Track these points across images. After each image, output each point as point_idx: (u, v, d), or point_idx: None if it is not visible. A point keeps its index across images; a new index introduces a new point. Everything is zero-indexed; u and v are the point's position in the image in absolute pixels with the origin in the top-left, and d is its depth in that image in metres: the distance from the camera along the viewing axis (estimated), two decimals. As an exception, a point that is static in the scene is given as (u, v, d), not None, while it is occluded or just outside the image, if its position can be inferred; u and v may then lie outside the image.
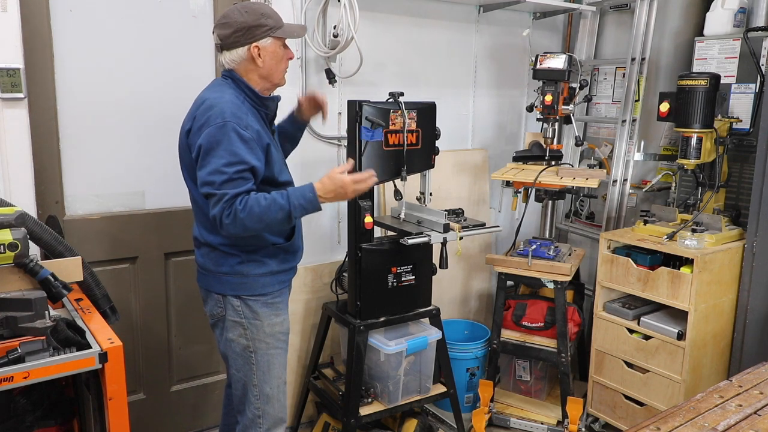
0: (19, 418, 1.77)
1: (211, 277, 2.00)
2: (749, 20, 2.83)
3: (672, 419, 1.44)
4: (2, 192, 2.17)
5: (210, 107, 1.82)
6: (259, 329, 2.01)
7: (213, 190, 1.77)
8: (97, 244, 2.46)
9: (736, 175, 2.82)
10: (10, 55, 2.11)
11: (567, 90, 2.81)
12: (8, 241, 1.57)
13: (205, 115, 1.81)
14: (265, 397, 2.04)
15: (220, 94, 1.87)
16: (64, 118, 2.34)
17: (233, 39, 1.89)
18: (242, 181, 1.79)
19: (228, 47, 1.91)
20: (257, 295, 1.99)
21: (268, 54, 1.92)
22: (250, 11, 1.89)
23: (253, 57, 1.90)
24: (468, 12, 3.25)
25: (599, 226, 3.34)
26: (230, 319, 2.00)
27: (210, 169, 1.77)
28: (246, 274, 1.97)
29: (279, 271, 2.03)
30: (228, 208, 1.76)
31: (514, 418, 2.92)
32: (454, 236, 2.41)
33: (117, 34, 2.40)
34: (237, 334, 2.01)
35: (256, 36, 1.89)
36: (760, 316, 2.58)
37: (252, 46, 1.89)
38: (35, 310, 1.52)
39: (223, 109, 1.80)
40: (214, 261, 1.97)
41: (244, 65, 1.93)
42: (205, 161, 1.79)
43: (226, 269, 1.96)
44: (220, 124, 1.78)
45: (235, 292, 1.98)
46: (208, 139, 1.78)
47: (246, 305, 1.99)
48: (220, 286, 1.99)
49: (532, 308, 2.86)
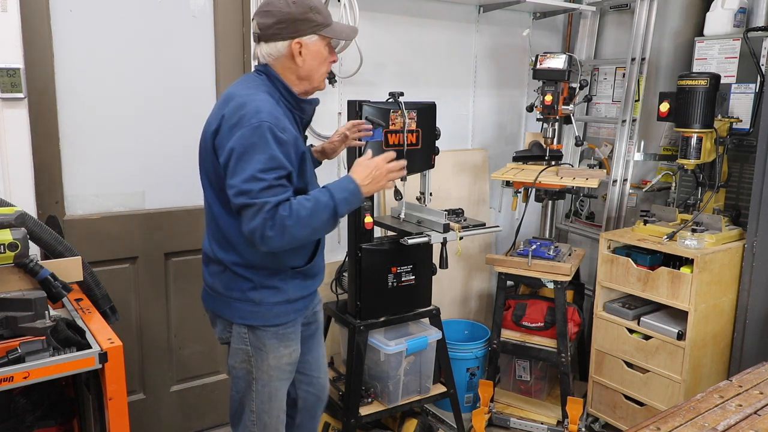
0: (19, 418, 1.77)
1: (220, 301, 1.82)
2: (749, 20, 2.83)
3: (672, 419, 1.44)
4: (2, 192, 2.17)
5: (242, 105, 1.62)
6: (264, 360, 1.82)
7: (250, 200, 1.56)
8: (97, 244, 2.45)
9: (736, 175, 2.82)
10: (10, 55, 2.11)
11: (567, 90, 2.81)
12: (8, 241, 1.57)
13: (237, 114, 1.61)
14: (263, 425, 1.88)
15: (253, 91, 1.67)
16: (64, 118, 2.34)
17: (274, 30, 1.69)
18: (282, 189, 1.59)
19: (267, 39, 1.71)
20: (269, 325, 1.79)
21: (310, 53, 1.72)
22: (298, 2, 1.69)
23: (293, 54, 1.71)
24: (468, 12, 3.25)
25: (599, 226, 3.34)
26: (234, 346, 1.83)
27: (245, 176, 1.56)
28: (259, 302, 1.76)
29: (296, 298, 1.82)
30: (271, 219, 1.55)
31: (514, 418, 2.92)
32: (454, 236, 2.41)
33: (117, 34, 2.40)
34: (240, 360, 1.83)
35: (301, 31, 1.69)
36: (760, 316, 2.58)
37: (294, 41, 1.70)
38: (35, 310, 1.52)
39: (259, 107, 1.61)
40: (224, 283, 1.79)
41: (282, 62, 1.73)
42: (238, 167, 1.57)
43: (237, 294, 1.77)
44: (255, 124, 1.57)
45: (245, 321, 1.78)
46: (241, 142, 1.57)
47: (254, 334, 1.79)
48: (229, 312, 1.80)
49: (532, 308, 2.86)
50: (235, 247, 1.74)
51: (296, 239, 1.62)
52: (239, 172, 1.57)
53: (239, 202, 1.58)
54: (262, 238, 1.57)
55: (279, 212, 1.56)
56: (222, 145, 1.63)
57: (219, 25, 2.60)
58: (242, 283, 1.76)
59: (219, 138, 1.64)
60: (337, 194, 1.67)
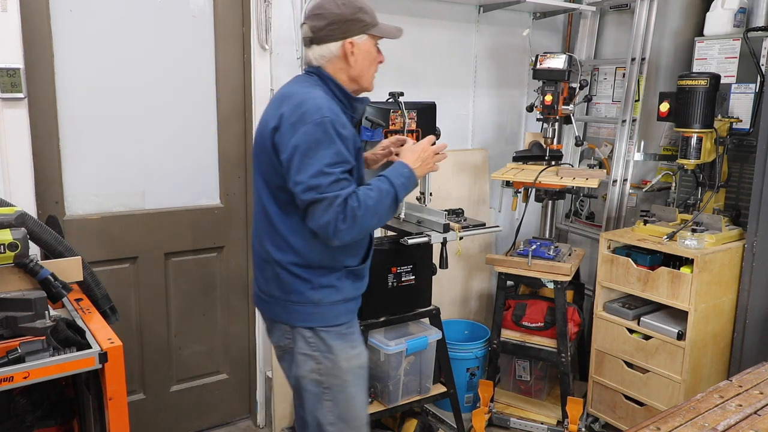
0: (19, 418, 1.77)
1: (277, 305, 1.78)
2: (749, 20, 2.83)
3: (672, 419, 1.44)
4: (2, 192, 2.17)
5: (301, 102, 1.63)
6: (335, 364, 1.77)
7: (320, 194, 1.57)
8: (97, 244, 2.46)
9: (736, 175, 2.82)
10: (10, 55, 2.11)
11: (567, 90, 2.81)
12: (8, 241, 1.57)
13: (298, 111, 1.61)
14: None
15: (310, 89, 1.69)
16: (64, 118, 2.34)
17: (327, 32, 1.71)
18: (347, 182, 1.61)
19: (319, 41, 1.73)
20: (331, 326, 1.77)
21: (361, 53, 1.75)
22: (347, 3, 1.72)
23: (345, 54, 1.73)
24: (468, 12, 3.25)
25: (599, 226, 3.34)
26: (300, 353, 1.77)
27: (313, 171, 1.57)
28: (318, 302, 1.74)
29: (351, 298, 1.82)
30: (342, 212, 1.57)
31: (514, 418, 2.92)
32: (454, 236, 2.41)
33: (117, 34, 2.40)
34: (309, 369, 1.77)
35: (352, 31, 1.72)
36: (760, 316, 2.58)
37: (347, 41, 1.72)
38: (35, 310, 1.51)
39: (319, 104, 1.62)
40: (281, 286, 1.75)
41: (334, 63, 1.74)
42: (304, 163, 1.58)
43: (296, 297, 1.74)
44: (318, 120, 1.59)
45: (306, 324, 1.75)
46: (305, 138, 1.58)
47: (318, 337, 1.75)
48: (288, 316, 1.76)
49: (532, 308, 2.86)
50: (292, 246, 1.72)
51: (365, 229, 1.66)
52: (306, 168, 1.58)
53: (309, 198, 1.58)
54: (335, 231, 1.59)
55: (349, 204, 1.59)
56: (283, 142, 1.63)
57: (219, 25, 2.60)
58: (300, 284, 1.74)
59: (279, 135, 1.64)
60: (396, 180, 1.70)
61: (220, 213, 2.75)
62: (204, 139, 2.67)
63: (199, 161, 2.67)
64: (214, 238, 2.74)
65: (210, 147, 2.69)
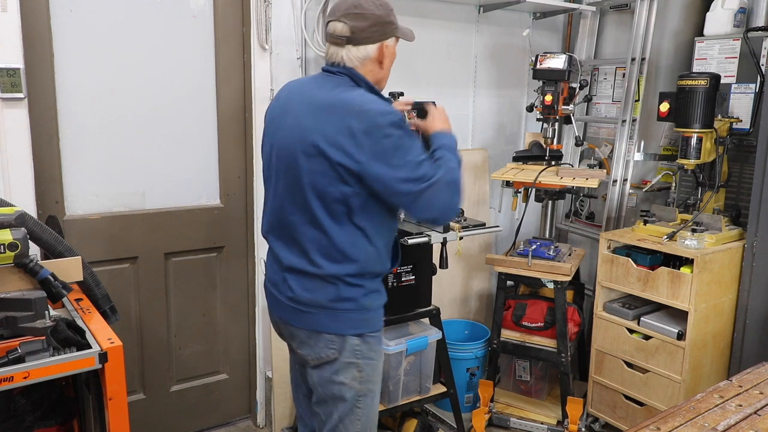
0: (19, 418, 1.77)
1: (324, 315, 1.69)
2: (749, 20, 2.83)
3: (672, 419, 1.44)
4: (2, 192, 2.17)
5: (365, 107, 1.58)
6: (375, 370, 1.77)
7: (427, 182, 1.58)
8: (97, 244, 2.46)
9: (736, 175, 2.82)
10: (10, 55, 2.11)
11: (567, 90, 2.81)
12: (8, 241, 1.57)
13: (365, 117, 1.56)
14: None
15: (358, 91, 1.64)
16: (64, 118, 2.34)
17: (368, 33, 1.65)
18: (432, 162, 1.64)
19: (358, 42, 1.66)
20: (375, 331, 1.75)
21: (390, 55, 1.72)
22: (383, 4, 1.67)
23: (380, 57, 1.69)
24: (468, 12, 3.25)
25: (599, 226, 3.34)
26: (345, 361, 1.72)
27: (410, 165, 1.57)
28: (369, 307, 1.72)
29: (386, 301, 1.82)
30: (449, 185, 1.62)
31: (514, 418, 2.92)
32: (454, 236, 2.41)
33: (117, 34, 2.40)
34: (350, 377, 1.73)
35: (387, 33, 1.68)
36: (760, 316, 2.58)
37: (384, 44, 1.68)
38: (35, 310, 1.51)
39: (380, 105, 1.60)
40: (332, 295, 1.68)
41: (367, 65, 1.69)
42: (396, 162, 1.56)
43: (349, 304, 1.69)
44: (392, 120, 1.57)
45: (357, 330, 1.71)
46: (389, 141, 1.56)
47: (366, 343, 1.73)
48: (338, 325, 1.69)
49: (532, 308, 2.86)
50: (349, 256, 1.67)
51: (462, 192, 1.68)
52: (401, 165, 1.57)
53: (418, 189, 1.58)
54: (451, 206, 1.63)
55: (450, 177, 1.63)
56: (362, 149, 1.56)
57: (219, 25, 2.60)
58: (355, 292, 1.70)
59: (352, 146, 1.56)
60: (450, 142, 1.77)
61: (220, 213, 2.75)
62: (204, 139, 2.67)
63: (199, 161, 2.67)
64: (214, 238, 2.74)
65: (210, 147, 2.69)
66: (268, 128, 1.81)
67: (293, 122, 1.67)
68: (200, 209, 2.70)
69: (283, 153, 1.70)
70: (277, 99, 1.82)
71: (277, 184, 1.73)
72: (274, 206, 1.76)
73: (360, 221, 1.66)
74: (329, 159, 1.58)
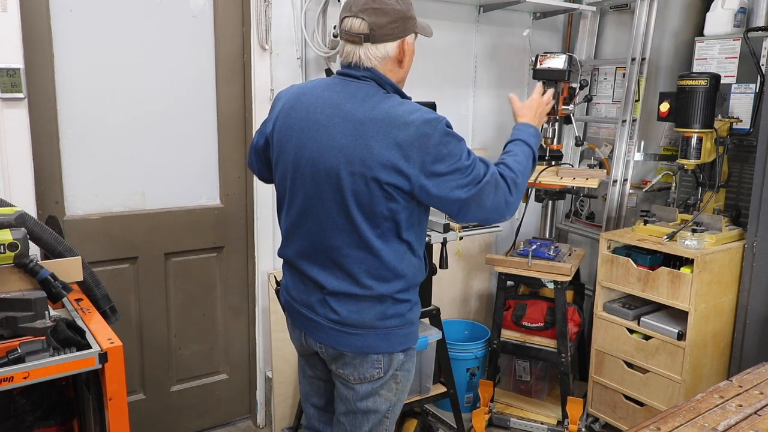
0: (19, 418, 1.77)
1: (372, 336, 1.61)
2: (749, 20, 2.82)
3: (672, 419, 1.44)
4: (2, 192, 2.17)
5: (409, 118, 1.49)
6: (408, 381, 1.73)
7: (482, 182, 1.53)
8: (97, 244, 2.46)
9: (736, 175, 2.82)
10: (10, 55, 2.11)
11: (567, 90, 2.80)
12: (8, 241, 1.57)
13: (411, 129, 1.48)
14: None
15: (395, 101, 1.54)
16: (64, 118, 2.34)
17: (389, 30, 1.53)
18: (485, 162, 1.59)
19: (377, 39, 1.54)
20: (416, 342, 1.72)
21: (410, 53, 1.61)
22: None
23: (402, 54, 1.58)
24: (468, 12, 3.25)
25: (599, 226, 3.34)
26: (388, 377, 1.66)
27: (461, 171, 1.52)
28: (413, 320, 1.67)
29: None
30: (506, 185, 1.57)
31: (514, 418, 2.92)
32: (454, 236, 2.41)
33: (117, 34, 2.40)
34: (389, 390, 1.68)
35: (408, 29, 1.58)
36: (760, 316, 2.58)
37: (405, 41, 1.58)
38: (35, 310, 1.51)
39: (423, 113, 1.51)
40: (379, 314, 1.60)
41: (386, 64, 1.57)
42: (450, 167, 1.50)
43: (396, 321, 1.62)
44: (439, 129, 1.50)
45: (404, 346, 1.65)
46: (441, 149, 1.49)
47: (407, 356, 1.69)
48: (388, 344, 1.62)
49: (532, 308, 2.86)
50: (399, 273, 1.60)
51: (523, 192, 1.65)
52: (452, 172, 1.51)
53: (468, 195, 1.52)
54: (507, 205, 1.59)
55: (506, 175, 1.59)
56: (411, 162, 1.48)
57: (219, 25, 2.60)
58: (402, 307, 1.63)
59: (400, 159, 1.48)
60: (530, 141, 1.75)
61: (220, 213, 2.75)
62: (204, 139, 2.67)
63: (199, 161, 2.67)
64: (214, 238, 2.74)
65: (210, 147, 2.69)
66: (284, 143, 1.62)
67: (327, 140, 1.53)
68: (200, 209, 2.70)
69: (318, 173, 1.55)
70: (291, 109, 1.63)
71: (308, 205, 1.59)
72: (309, 231, 1.62)
73: (407, 236, 1.59)
74: (377, 179, 1.48)
